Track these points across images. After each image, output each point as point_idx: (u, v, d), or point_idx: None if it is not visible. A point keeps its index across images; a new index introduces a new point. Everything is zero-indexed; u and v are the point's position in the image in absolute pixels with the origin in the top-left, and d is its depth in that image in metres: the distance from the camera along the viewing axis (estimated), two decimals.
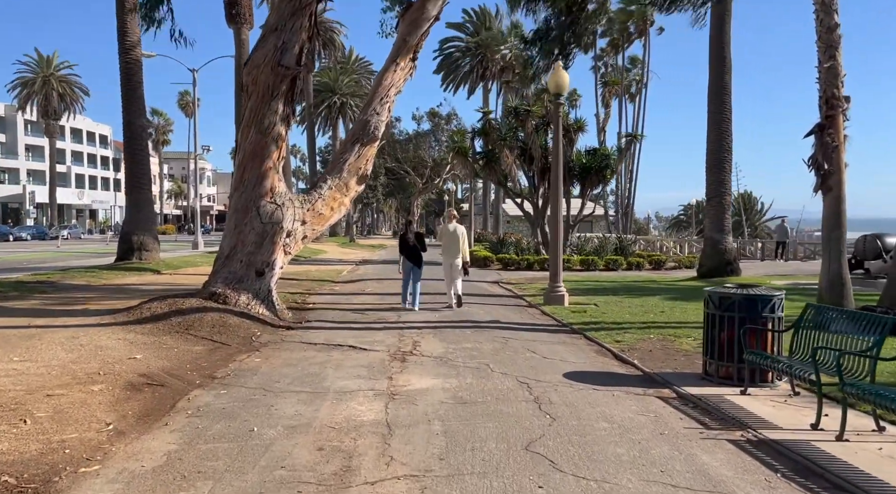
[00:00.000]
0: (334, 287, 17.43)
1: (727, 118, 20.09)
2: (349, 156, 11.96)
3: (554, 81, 13.64)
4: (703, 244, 20.83)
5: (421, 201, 68.76)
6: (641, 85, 53.85)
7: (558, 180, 13.77)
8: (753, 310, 6.73)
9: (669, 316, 11.79)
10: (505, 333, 10.04)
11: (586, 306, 13.38)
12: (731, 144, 20.09)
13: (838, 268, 10.71)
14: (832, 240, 10.80)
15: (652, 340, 9.44)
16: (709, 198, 20.16)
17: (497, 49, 51.35)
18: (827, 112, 10.78)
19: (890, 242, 18.09)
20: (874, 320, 5.56)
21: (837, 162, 10.76)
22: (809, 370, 5.58)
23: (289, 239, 11.19)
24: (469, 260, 13.68)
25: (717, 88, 20.21)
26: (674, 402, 6.23)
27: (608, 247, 27.91)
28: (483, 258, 26.10)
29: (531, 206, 28.21)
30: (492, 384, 6.77)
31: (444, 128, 58.33)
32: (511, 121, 28.25)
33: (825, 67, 10.80)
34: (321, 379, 6.96)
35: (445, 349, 8.69)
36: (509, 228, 54.34)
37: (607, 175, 28.43)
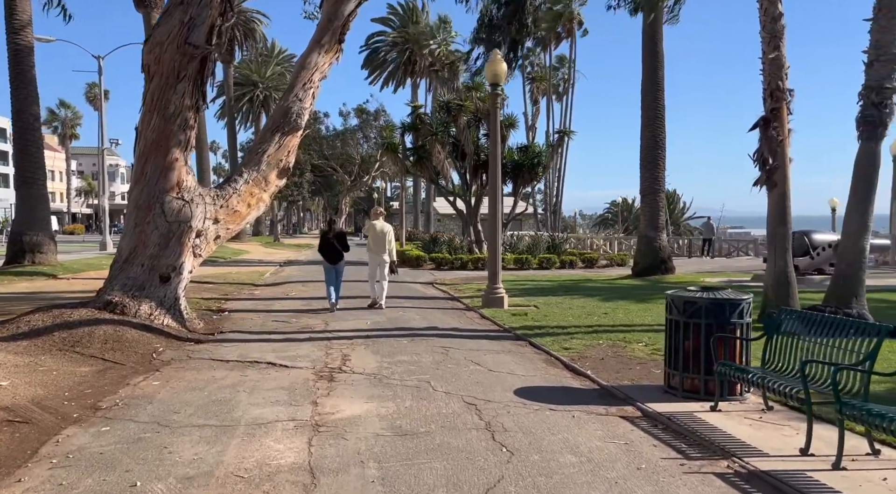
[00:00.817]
0: (255, 291, 16.07)
1: (661, 114, 19.95)
2: (269, 147, 10.75)
3: (491, 71, 12.85)
4: (637, 242, 20.66)
5: (349, 199, 67.07)
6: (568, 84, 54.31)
7: (497, 176, 13.01)
8: (721, 316, 6.10)
9: (614, 319, 11.22)
10: (445, 342, 9.14)
11: (527, 308, 12.67)
12: (664, 141, 19.97)
13: (784, 267, 10.40)
14: (777, 238, 10.48)
15: (602, 346, 8.77)
16: (643, 195, 19.97)
17: (426, 44, 50.50)
18: (772, 105, 10.44)
19: (817, 239, 18.37)
20: (862, 328, 4.99)
21: (782, 156, 10.44)
22: (794, 385, 4.94)
23: (199, 239, 9.91)
24: (396, 259, 13.32)
25: (650, 84, 20.04)
26: (642, 424, 5.49)
27: (541, 245, 27.55)
28: (415, 258, 25.18)
29: (464, 204, 27.50)
30: (435, 407, 5.85)
31: (372, 124, 56.94)
32: (442, 116, 27.43)
33: (769, 58, 10.46)
34: (231, 406, 5.84)
35: (379, 363, 7.70)
36: (441, 227, 53.62)
37: (539, 172, 28.09)
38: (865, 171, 10.03)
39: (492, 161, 13.16)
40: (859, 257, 10.01)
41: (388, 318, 11.46)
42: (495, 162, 13.04)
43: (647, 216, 19.81)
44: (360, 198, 69.23)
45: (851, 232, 10.08)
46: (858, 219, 10.01)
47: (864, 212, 10.00)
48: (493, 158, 13.05)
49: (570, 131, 27.87)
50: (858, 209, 10.03)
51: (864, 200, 10.01)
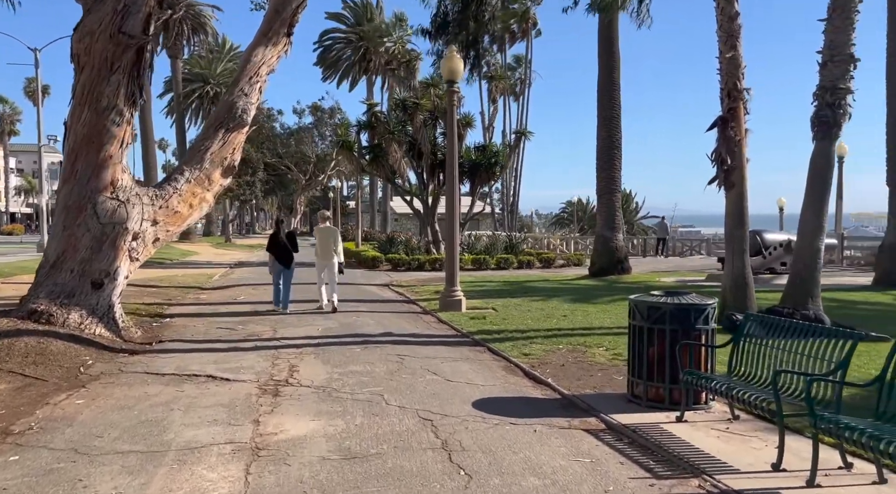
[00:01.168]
0: (201, 295, 15.34)
1: (616, 114, 19.94)
2: (212, 144, 10.14)
3: (448, 67, 12.48)
4: (594, 242, 20.61)
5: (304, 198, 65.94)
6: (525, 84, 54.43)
7: (454, 175, 12.65)
8: (686, 322, 5.86)
9: (573, 321, 10.99)
10: (400, 349, 8.73)
11: (485, 311, 12.35)
12: (620, 141, 19.95)
13: (742, 268, 10.33)
14: (735, 239, 10.41)
15: (562, 351, 8.50)
16: (599, 195, 19.91)
17: (381, 41, 49.90)
18: (729, 104, 10.35)
19: (769, 238, 18.60)
20: (832, 335, 4.78)
21: (740, 156, 10.37)
22: (764, 396, 4.71)
23: (136, 242, 9.25)
24: (343, 260, 13.22)
25: (606, 83, 20.01)
26: (606, 438, 5.19)
27: (498, 245, 27.35)
28: (372, 258, 24.66)
29: (421, 204, 27.11)
30: (388, 424, 5.44)
31: (327, 122, 56.02)
32: (399, 114, 26.98)
33: (727, 57, 10.37)
34: (163, 428, 5.31)
35: (329, 374, 7.24)
36: (398, 226, 53.08)
37: (497, 172, 27.90)
38: (820, 172, 10.03)
39: (449, 160, 12.80)
40: (815, 257, 10.01)
41: (340, 324, 10.98)
42: (452, 161, 12.68)
43: (603, 216, 19.76)
44: (315, 198, 68.11)
45: (807, 232, 10.06)
46: (814, 220, 10.01)
47: (819, 213, 10.00)
48: (450, 157, 12.69)
49: (527, 132, 27.79)
50: (813, 209, 10.02)
51: (818, 200, 10.01)
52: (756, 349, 5.42)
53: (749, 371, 5.44)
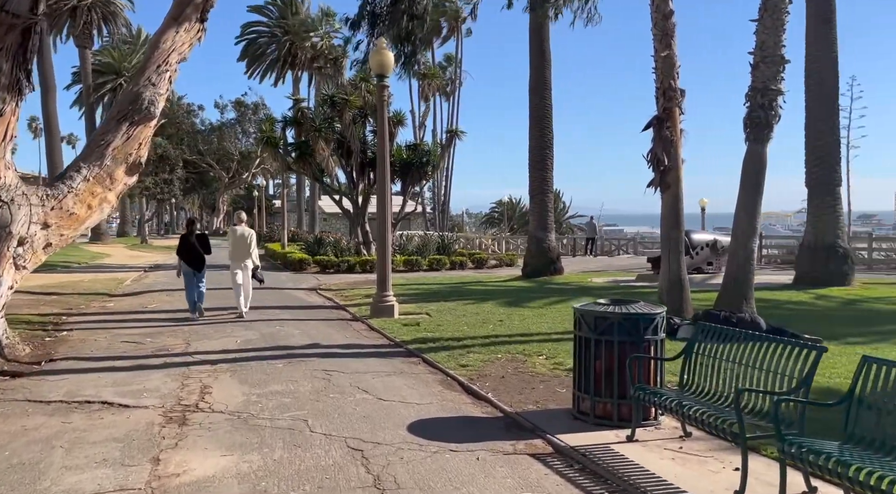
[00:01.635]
0: (108, 303, 14.09)
1: (548, 114, 19.79)
2: (114, 139, 9.10)
3: (377, 61, 11.84)
4: (527, 243, 20.41)
5: (228, 197, 63.52)
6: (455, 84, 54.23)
7: (385, 173, 12.02)
8: (635, 333, 5.49)
9: (510, 327, 10.59)
10: (328, 363, 8.04)
11: (419, 317, 11.80)
12: (552, 141, 19.82)
13: (678, 270, 10.21)
14: (672, 240, 10.28)
15: (501, 361, 8.04)
16: (532, 195, 19.71)
17: (307, 36, 48.48)
18: (664, 104, 10.22)
19: (696, 239, 18.89)
20: (791, 347, 4.48)
21: (675, 157, 10.26)
22: (723, 416, 4.36)
23: (23, 247, 8.16)
24: (259, 264, 12.64)
25: (537, 84, 19.82)
26: (555, 464, 4.74)
27: (431, 245, 26.87)
28: (299, 260, 23.66)
29: (351, 203, 26.27)
30: (312, 457, 4.79)
31: (251, 118, 54.06)
32: (326, 110, 26.02)
33: (662, 56, 10.23)
34: (38, 473, 4.48)
35: (247, 396, 6.50)
36: (326, 226, 51.76)
37: (429, 171, 27.40)
38: (753, 173, 10.02)
39: (380, 158, 12.17)
40: (748, 259, 9.99)
41: (261, 335, 10.16)
42: (384, 159, 12.06)
43: (536, 216, 19.58)
44: (239, 196, 65.69)
45: (740, 233, 10.03)
46: (747, 221, 9.98)
47: (752, 214, 9.99)
48: (381, 155, 12.06)
49: (459, 131, 27.42)
50: (747, 211, 10.00)
51: (751, 202, 9.99)
52: (709, 362, 5.09)
53: (702, 385, 5.11)
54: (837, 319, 11.06)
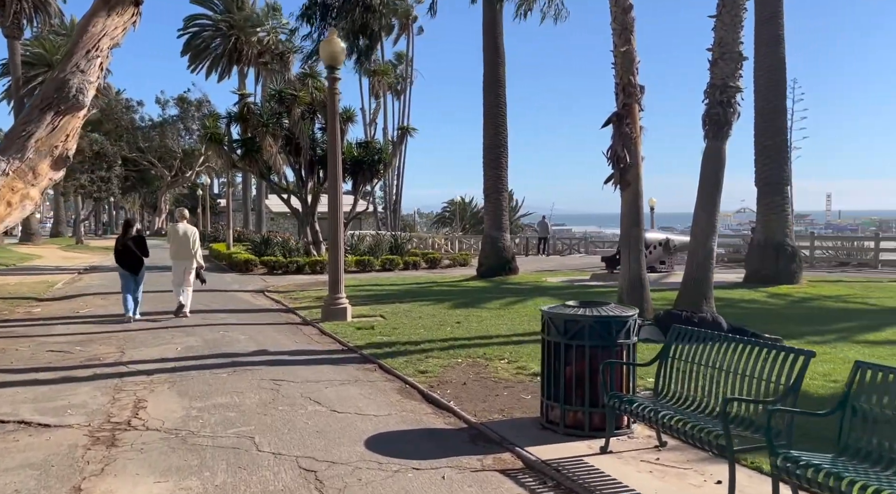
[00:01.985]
0: (35, 308, 13.10)
1: (502, 112, 19.56)
2: (37, 130, 8.18)
3: (328, 52, 11.31)
4: (481, 242, 20.14)
5: (170, 196, 61.32)
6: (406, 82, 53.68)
7: (336, 171, 11.50)
8: (607, 337, 5.19)
9: (468, 329, 10.23)
10: (276, 371, 7.51)
11: (373, 320, 11.33)
12: (506, 139, 19.59)
13: (638, 270, 10.04)
14: (632, 239, 10.10)
15: (461, 366, 7.67)
16: (487, 195, 19.44)
17: (253, 31, 47.14)
18: (624, 100, 10.03)
19: (649, 237, 18.92)
20: (776, 352, 4.24)
21: (635, 154, 10.08)
22: (708, 427, 4.07)
23: None
24: (203, 264, 12.37)
25: (491, 81, 19.57)
26: (527, 481, 4.38)
27: (383, 245, 26.35)
28: (245, 261, 22.78)
29: (299, 202, 25.50)
30: (259, 481, 4.31)
31: (194, 115, 52.24)
32: (274, 106, 25.18)
33: (621, 51, 10.04)
34: None
35: (187, 411, 5.93)
36: (274, 226, 50.45)
37: (381, 169, 26.81)
38: (713, 171, 9.93)
39: (331, 154, 11.64)
40: (708, 258, 9.89)
41: (204, 341, 9.51)
42: (335, 155, 11.53)
43: (491, 216, 19.32)
44: (182, 195, 63.50)
45: (699, 232, 9.93)
46: (706, 220, 9.89)
47: (711, 213, 9.90)
48: (333, 151, 11.53)
49: (411, 128, 26.92)
50: (706, 209, 9.91)
51: (711, 200, 9.91)
52: (686, 367, 4.82)
53: (679, 392, 4.84)
54: (792, 317, 11.12)
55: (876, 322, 10.54)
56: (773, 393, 4.07)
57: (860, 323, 10.40)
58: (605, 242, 33.21)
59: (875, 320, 10.75)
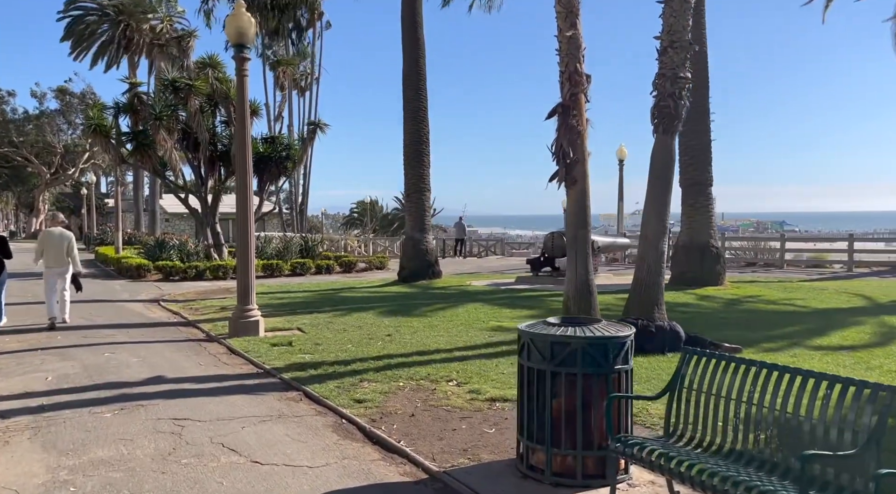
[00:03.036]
0: None
1: (423, 106, 18.52)
2: None
3: (233, 27, 9.83)
4: (402, 244, 18.99)
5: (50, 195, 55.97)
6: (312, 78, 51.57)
7: (246, 164, 10.03)
8: (604, 362, 4.23)
9: (403, 343, 9.10)
10: (178, 407, 6.07)
11: (290, 334, 9.96)
12: (428, 136, 18.56)
13: (585, 275, 9.26)
14: (579, 241, 9.31)
15: (405, 391, 6.54)
16: (408, 194, 18.33)
17: (145, 18, 43.61)
18: (570, 90, 9.21)
19: None
20: (842, 385, 3.40)
21: (582, 149, 9.30)
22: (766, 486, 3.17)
23: None
24: (82, 269, 11.49)
25: (412, 74, 18.49)
26: None
27: (293, 248, 24.64)
28: (137, 267, 20.47)
29: (199, 202, 23.36)
30: None
31: (77, 108, 47.81)
32: (169, 97, 22.92)
33: (567, 36, 9.23)
34: None
35: (53, 473, 4.44)
36: (169, 228, 46.90)
37: (289, 167, 25.10)
38: (662, 169, 9.31)
39: (239, 146, 10.15)
40: (659, 262, 9.26)
41: (84, 367, 7.82)
42: (244, 146, 10.05)
43: (413, 216, 18.21)
44: (64, 195, 58.13)
45: (650, 233, 9.28)
46: (656, 221, 9.25)
47: (661, 213, 9.27)
48: (242, 142, 10.05)
49: (323, 123, 25.31)
50: (656, 209, 9.27)
51: (661, 199, 9.28)
52: (710, 401, 3.93)
53: (702, 435, 3.93)
54: (734, 322, 10.74)
55: (816, 325, 10.32)
56: (852, 441, 3.20)
57: (803, 328, 10.12)
58: (521, 244, 32.96)
59: (814, 323, 10.54)
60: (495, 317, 11.38)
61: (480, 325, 10.52)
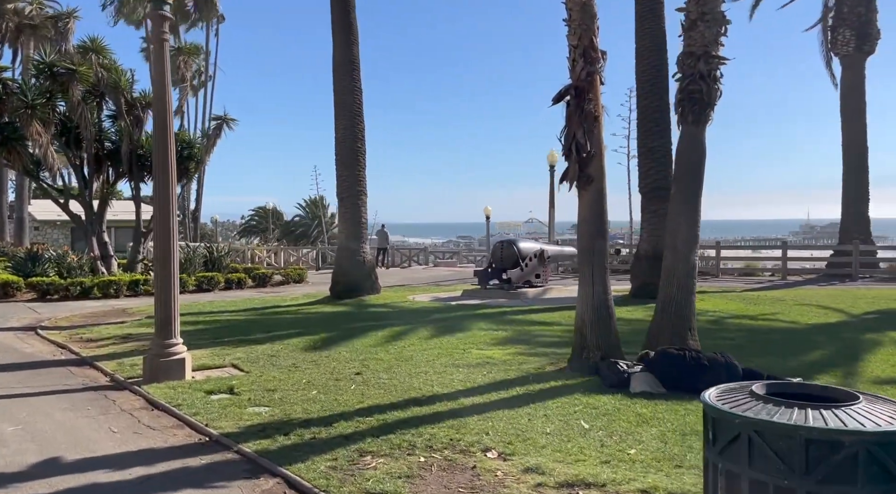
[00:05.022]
0: None
1: (358, 100, 16.44)
2: None
3: None
4: (336, 256, 16.71)
5: None
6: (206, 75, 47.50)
7: (169, 154, 7.63)
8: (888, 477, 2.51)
9: (382, 385, 7.07)
10: None
11: (227, 374, 7.67)
12: (364, 131, 16.49)
13: (604, 294, 7.64)
14: (596, 254, 7.68)
15: (433, 473, 4.60)
16: (342, 198, 16.12)
17: None
18: (585, 68, 7.60)
19: (525, 248, 17.05)
20: None
21: (599, 140, 7.72)
22: None
23: None
24: None
25: (344, 62, 16.37)
26: None
27: (196, 259, 21.62)
28: (3, 284, 16.88)
29: (83, 207, 19.93)
30: None
31: None
32: (45, 83, 19.39)
33: (579, 4, 7.62)
34: None
35: None
36: (40, 238, 41.11)
37: (191, 168, 22.13)
38: (693, 165, 7.87)
39: (158, 129, 7.73)
40: (691, 275, 7.80)
41: None
42: (164, 130, 7.64)
43: (348, 224, 16.03)
44: None
45: (680, 242, 7.79)
46: (687, 227, 7.79)
47: (693, 219, 7.82)
48: (161, 125, 7.64)
49: (230, 118, 22.54)
50: (686, 214, 7.81)
51: (692, 203, 7.83)
52: None
53: None
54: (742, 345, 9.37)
55: (835, 348, 9.21)
56: None
57: (826, 352, 8.95)
58: (445, 253, 31.30)
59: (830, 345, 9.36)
60: (473, 344, 9.54)
61: (462, 357, 8.63)
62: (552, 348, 9.13)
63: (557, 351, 8.90)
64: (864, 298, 14.93)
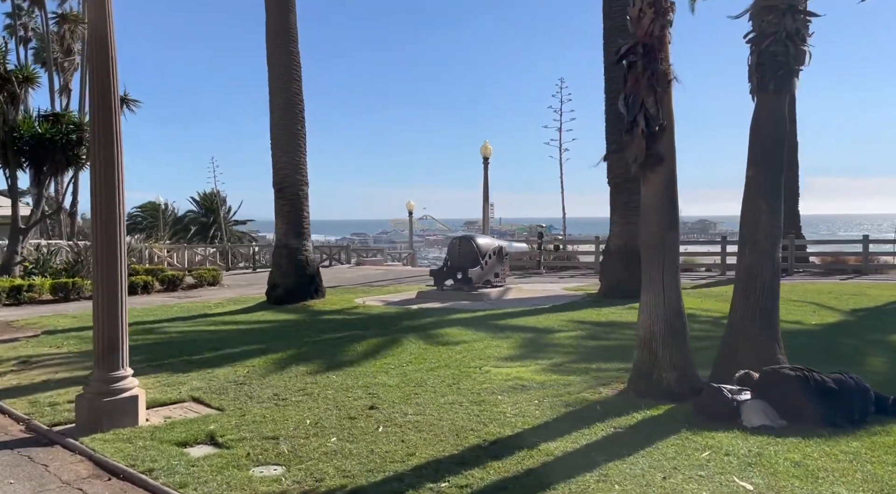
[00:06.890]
0: None
1: (297, 76, 14.28)
2: None
3: None
4: (274, 255, 14.39)
5: None
6: None
7: (113, 124, 5.43)
8: None
9: (417, 426, 5.32)
10: None
11: (195, 414, 5.65)
12: (303, 112, 14.35)
13: (677, 301, 6.26)
14: (668, 250, 6.29)
15: None
16: (279, 188, 13.88)
17: None
18: (655, 20, 6.17)
19: (483, 244, 15.55)
20: None
21: (670, 111, 6.34)
22: None
23: None
24: None
25: (279, 32, 14.15)
26: None
27: (88, 260, 18.41)
28: None
29: None
30: None
31: None
32: None
33: None
34: None
35: None
36: None
37: (81, 155, 18.83)
38: (772, 143, 6.60)
39: (97, 93, 5.50)
40: (776, 276, 6.54)
41: None
42: (105, 94, 5.43)
43: (288, 218, 13.80)
44: None
45: (762, 236, 6.51)
46: (769, 217, 6.51)
47: (774, 207, 6.54)
48: (102, 87, 5.44)
49: (131, 99, 19.42)
50: (767, 201, 6.54)
51: (773, 188, 6.57)
52: None
53: None
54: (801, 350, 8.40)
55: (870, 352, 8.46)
56: None
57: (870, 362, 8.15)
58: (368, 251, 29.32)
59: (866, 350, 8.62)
60: (482, 359, 7.91)
61: (485, 378, 6.99)
62: (581, 363, 7.70)
63: (589, 366, 7.49)
64: (834, 293, 14.62)
